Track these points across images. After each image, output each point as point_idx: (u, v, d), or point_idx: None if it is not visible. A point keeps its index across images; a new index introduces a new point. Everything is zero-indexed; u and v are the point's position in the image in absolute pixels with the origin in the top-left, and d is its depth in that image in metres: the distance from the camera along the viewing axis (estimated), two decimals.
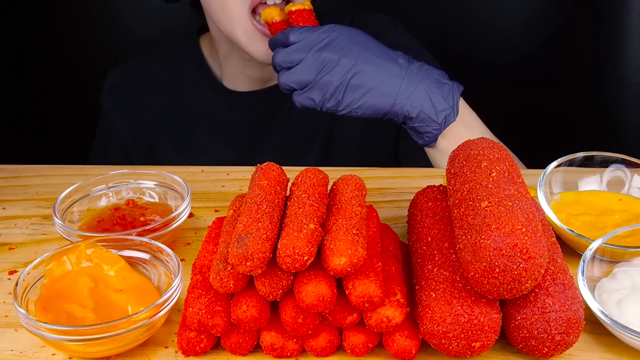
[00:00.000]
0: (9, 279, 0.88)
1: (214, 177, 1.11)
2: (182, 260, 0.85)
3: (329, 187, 0.82)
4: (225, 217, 0.84)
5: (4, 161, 1.17)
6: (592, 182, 0.96)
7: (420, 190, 0.88)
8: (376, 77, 1.02)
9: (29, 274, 0.78)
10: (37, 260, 0.79)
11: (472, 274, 0.67)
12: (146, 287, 0.79)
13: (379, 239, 0.78)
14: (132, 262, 0.82)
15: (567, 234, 0.86)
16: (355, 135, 1.34)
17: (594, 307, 0.73)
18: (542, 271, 0.67)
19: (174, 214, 0.90)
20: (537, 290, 0.69)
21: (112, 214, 0.95)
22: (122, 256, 0.82)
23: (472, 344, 0.68)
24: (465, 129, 1.07)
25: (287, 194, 0.81)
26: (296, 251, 0.68)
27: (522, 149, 1.19)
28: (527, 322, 0.69)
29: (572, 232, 0.85)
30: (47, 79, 1.70)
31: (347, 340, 0.72)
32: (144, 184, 1.00)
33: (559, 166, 0.95)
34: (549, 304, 0.68)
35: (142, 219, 0.94)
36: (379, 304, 0.69)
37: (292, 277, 0.70)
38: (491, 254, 0.66)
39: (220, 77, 1.35)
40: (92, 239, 0.83)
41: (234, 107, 1.34)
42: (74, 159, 1.27)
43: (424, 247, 0.77)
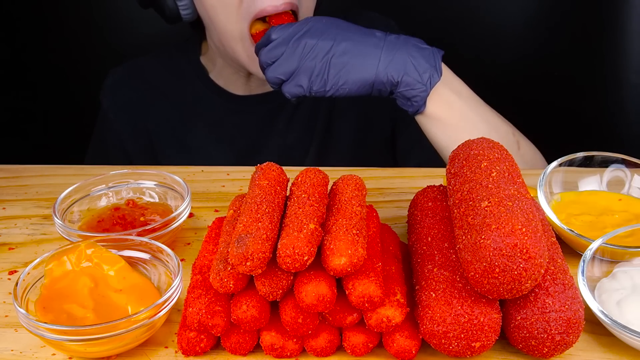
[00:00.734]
0: (9, 279, 0.88)
1: (214, 177, 1.11)
2: (182, 260, 0.85)
3: (329, 187, 0.82)
4: (225, 217, 0.84)
5: (4, 161, 1.17)
6: (592, 182, 0.96)
7: (420, 190, 0.88)
8: (356, 51, 1.03)
9: (29, 274, 0.78)
10: (37, 260, 0.79)
11: (472, 274, 0.67)
12: (146, 287, 0.79)
13: (379, 239, 0.78)
14: (132, 262, 0.82)
15: (567, 234, 0.86)
16: (351, 135, 1.35)
17: (594, 307, 0.73)
18: (542, 271, 0.67)
19: (174, 214, 0.90)
20: (537, 290, 0.69)
21: (112, 214, 0.95)
22: (122, 256, 0.82)
23: (472, 344, 0.68)
24: (452, 92, 1.08)
25: (287, 194, 0.81)
26: (296, 251, 0.68)
27: None
28: (527, 322, 0.69)
29: (572, 232, 0.85)
30: (48, 79, 1.70)
31: (347, 340, 0.72)
32: (144, 184, 1.00)
33: (559, 166, 0.95)
34: (549, 304, 0.68)
35: (142, 219, 0.94)
36: (379, 304, 0.69)
37: (292, 277, 0.70)
38: (491, 254, 0.66)
39: (219, 79, 1.36)
40: (92, 239, 0.83)
41: (234, 109, 1.34)
42: (74, 159, 1.27)
43: (424, 247, 0.77)
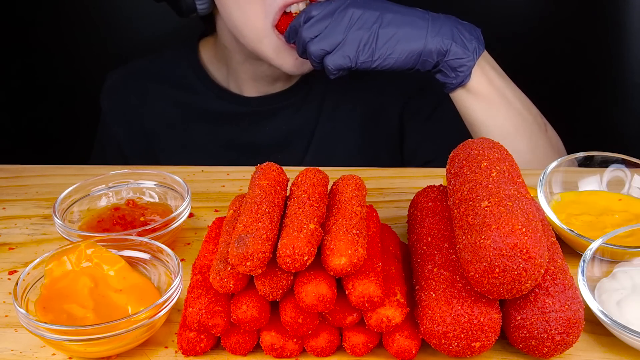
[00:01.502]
0: (9, 279, 0.88)
1: (214, 177, 1.11)
2: (182, 260, 0.85)
3: (329, 187, 0.82)
4: (225, 217, 0.84)
5: (4, 161, 1.17)
6: (592, 182, 0.96)
7: (420, 190, 0.88)
8: (403, 21, 1.03)
9: (29, 274, 0.78)
10: (37, 260, 0.79)
11: (472, 274, 0.67)
12: (146, 287, 0.79)
13: (379, 239, 0.78)
14: (132, 262, 0.82)
15: (567, 234, 0.86)
16: (356, 136, 1.34)
17: (594, 307, 0.73)
18: (542, 271, 0.67)
19: (174, 214, 0.90)
20: (537, 290, 0.69)
21: (112, 214, 0.95)
22: (122, 256, 0.82)
23: (472, 344, 0.68)
24: (491, 68, 1.09)
25: (287, 194, 0.81)
26: (296, 251, 0.68)
27: None
28: (527, 322, 0.69)
29: (572, 232, 0.85)
30: (48, 79, 1.70)
31: (347, 340, 0.72)
32: (144, 184, 1.00)
33: (559, 166, 0.95)
34: (549, 304, 0.68)
35: (142, 219, 0.94)
36: (379, 304, 0.69)
37: (292, 277, 0.70)
38: (491, 254, 0.66)
39: (221, 81, 1.36)
40: (92, 239, 0.83)
41: (234, 109, 1.34)
42: (74, 159, 1.27)
43: (424, 247, 0.77)
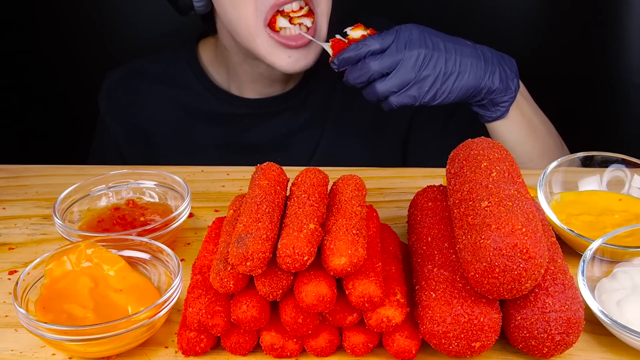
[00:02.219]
0: (9, 279, 0.88)
1: (214, 177, 1.11)
2: (182, 260, 0.85)
3: (329, 187, 0.82)
4: (225, 217, 0.84)
5: (4, 161, 1.17)
6: (592, 182, 0.96)
7: (420, 190, 0.88)
8: (461, 60, 1.04)
9: (29, 274, 0.78)
10: (37, 260, 0.79)
11: (472, 274, 0.67)
12: (146, 287, 0.79)
13: (379, 239, 0.78)
14: (132, 262, 0.82)
15: (567, 234, 0.86)
16: (360, 137, 1.34)
17: (594, 307, 0.73)
18: (542, 271, 0.67)
19: (174, 214, 0.90)
20: (537, 290, 0.69)
21: (112, 214, 0.95)
22: (122, 256, 0.82)
23: (472, 344, 0.68)
24: (523, 98, 1.13)
25: (287, 194, 0.81)
26: (296, 251, 0.68)
27: None
28: (527, 322, 0.69)
29: (572, 232, 0.85)
30: (48, 79, 1.70)
31: (347, 340, 0.72)
32: (144, 184, 1.00)
33: (559, 166, 0.95)
34: (549, 304, 0.68)
35: (142, 219, 0.94)
36: (379, 304, 0.69)
37: (292, 277, 0.70)
38: (491, 254, 0.66)
39: (220, 82, 1.35)
40: (92, 239, 0.83)
41: (234, 110, 1.34)
42: (74, 159, 1.27)
43: (424, 247, 0.77)
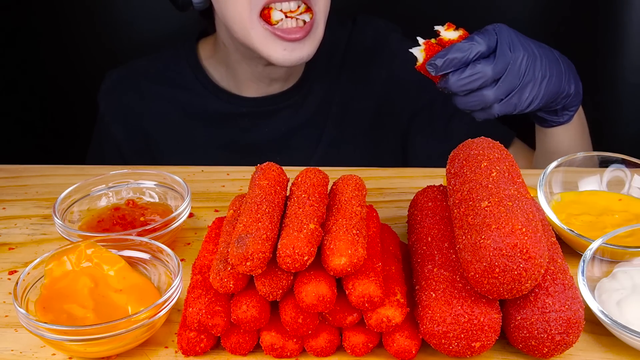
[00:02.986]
0: (9, 279, 0.88)
1: (214, 177, 1.11)
2: (182, 260, 0.85)
3: (329, 187, 0.82)
4: (225, 217, 0.84)
5: (4, 161, 1.17)
6: (592, 182, 0.96)
7: (420, 190, 0.88)
8: (549, 64, 1.02)
9: (29, 274, 0.78)
10: (37, 260, 0.79)
11: (472, 274, 0.67)
12: (146, 287, 0.79)
13: (379, 239, 0.78)
14: (132, 262, 0.82)
15: (567, 234, 0.86)
16: (361, 137, 1.34)
17: (594, 307, 0.73)
18: (542, 271, 0.67)
19: (174, 214, 0.90)
20: (537, 290, 0.69)
21: (112, 214, 0.95)
22: (122, 256, 0.82)
23: (472, 344, 0.68)
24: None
25: (287, 194, 0.81)
26: (296, 251, 0.68)
27: None
28: (527, 322, 0.69)
29: (572, 232, 0.85)
30: (48, 79, 1.70)
31: (347, 340, 0.72)
32: (144, 184, 1.00)
33: (559, 166, 0.95)
34: (549, 304, 0.68)
35: (142, 219, 0.94)
36: (379, 304, 0.69)
37: (292, 277, 0.70)
38: (491, 254, 0.66)
39: (220, 81, 1.35)
40: (92, 239, 0.83)
41: (234, 109, 1.34)
42: (74, 159, 1.27)
43: (424, 247, 0.77)
